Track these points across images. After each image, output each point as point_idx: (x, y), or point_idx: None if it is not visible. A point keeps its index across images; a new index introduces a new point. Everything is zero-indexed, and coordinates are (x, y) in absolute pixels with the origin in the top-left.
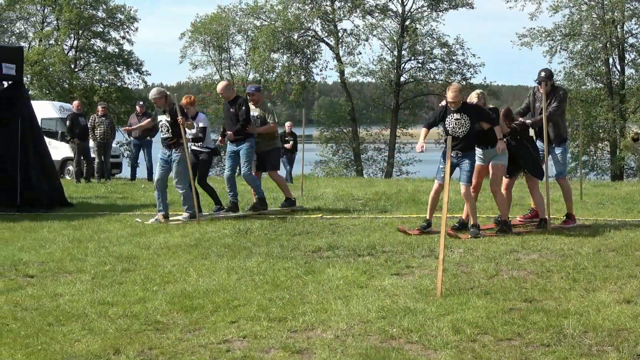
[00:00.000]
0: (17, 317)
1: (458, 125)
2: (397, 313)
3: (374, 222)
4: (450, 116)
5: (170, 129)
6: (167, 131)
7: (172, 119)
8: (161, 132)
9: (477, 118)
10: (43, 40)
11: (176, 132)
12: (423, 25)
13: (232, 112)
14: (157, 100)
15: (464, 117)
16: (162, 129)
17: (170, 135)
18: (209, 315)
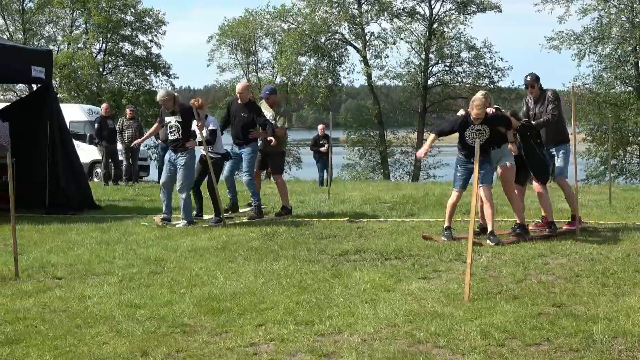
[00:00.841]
0: (45, 318)
1: (478, 136)
2: (424, 317)
3: (401, 225)
4: (472, 127)
5: (181, 130)
6: (177, 132)
7: (183, 119)
8: (170, 134)
9: (497, 126)
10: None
11: (187, 132)
12: (451, 29)
13: (242, 115)
14: (165, 102)
15: (485, 128)
16: (172, 130)
17: (180, 137)
18: (236, 319)
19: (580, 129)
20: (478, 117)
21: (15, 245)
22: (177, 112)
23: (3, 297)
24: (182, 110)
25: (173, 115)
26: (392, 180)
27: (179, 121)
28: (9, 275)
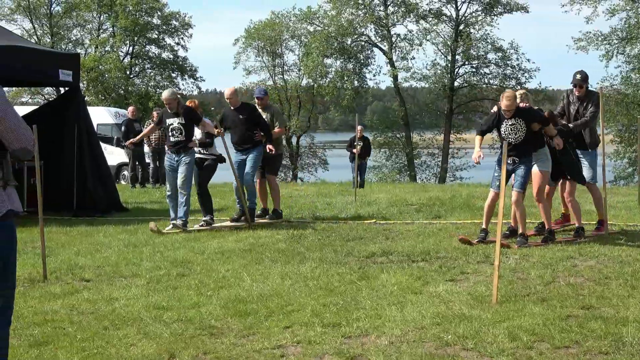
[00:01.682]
0: (73, 320)
1: (514, 131)
2: (452, 319)
3: (428, 227)
4: (505, 122)
5: (184, 131)
6: (181, 134)
7: (186, 121)
8: (172, 136)
9: (531, 120)
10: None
11: (190, 134)
12: (477, 30)
13: (240, 119)
14: (171, 103)
15: (519, 122)
16: (174, 132)
17: (183, 139)
18: (263, 321)
19: (609, 130)
20: (508, 108)
21: (43, 248)
22: (181, 113)
23: (31, 299)
24: (185, 112)
25: (176, 117)
26: (418, 182)
27: (182, 123)
28: (38, 278)
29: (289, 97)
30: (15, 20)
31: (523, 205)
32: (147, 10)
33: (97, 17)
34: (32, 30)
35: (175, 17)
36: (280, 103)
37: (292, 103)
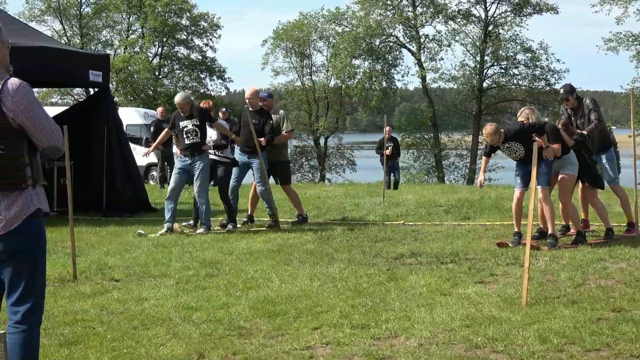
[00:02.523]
0: (103, 320)
1: (512, 152)
2: (481, 322)
3: (456, 229)
4: (502, 146)
5: (199, 133)
6: (196, 135)
7: (201, 123)
8: (186, 138)
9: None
10: (128, 48)
11: (204, 136)
12: (506, 31)
13: (255, 123)
14: (183, 106)
15: (514, 144)
16: (189, 134)
17: (198, 141)
18: (291, 322)
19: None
20: (492, 143)
21: (73, 248)
22: (195, 115)
23: (62, 298)
24: (199, 114)
25: (189, 119)
26: (446, 183)
27: (196, 125)
28: (68, 277)
29: (316, 98)
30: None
31: (551, 202)
32: (176, 11)
33: (127, 18)
34: (62, 31)
35: (204, 18)
36: (308, 104)
37: (320, 104)
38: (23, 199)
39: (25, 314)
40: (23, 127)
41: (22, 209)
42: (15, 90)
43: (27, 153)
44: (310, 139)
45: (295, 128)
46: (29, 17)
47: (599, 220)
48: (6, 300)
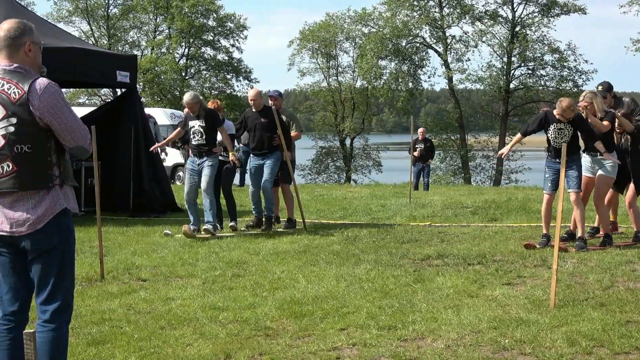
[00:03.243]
0: (130, 320)
1: (560, 135)
2: (509, 324)
3: (483, 230)
4: (554, 125)
5: (205, 134)
6: (201, 137)
7: (207, 124)
8: (192, 138)
9: (579, 128)
10: (155, 49)
11: (211, 138)
12: (534, 31)
13: (262, 122)
14: (192, 105)
15: (567, 127)
16: (195, 135)
17: (204, 142)
18: (318, 322)
19: None
20: (563, 116)
21: (101, 248)
22: (202, 116)
23: (89, 298)
24: (206, 115)
25: (197, 120)
26: (473, 184)
27: (202, 126)
28: (95, 277)
29: (342, 98)
30: (74, 22)
31: (582, 206)
32: (203, 12)
33: (154, 19)
34: (89, 32)
35: (230, 19)
36: (334, 105)
37: (346, 105)
38: (50, 198)
39: (54, 313)
40: (50, 127)
41: (48, 208)
42: (43, 90)
43: (55, 152)
44: (336, 139)
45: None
46: (57, 18)
47: (626, 223)
48: (35, 299)
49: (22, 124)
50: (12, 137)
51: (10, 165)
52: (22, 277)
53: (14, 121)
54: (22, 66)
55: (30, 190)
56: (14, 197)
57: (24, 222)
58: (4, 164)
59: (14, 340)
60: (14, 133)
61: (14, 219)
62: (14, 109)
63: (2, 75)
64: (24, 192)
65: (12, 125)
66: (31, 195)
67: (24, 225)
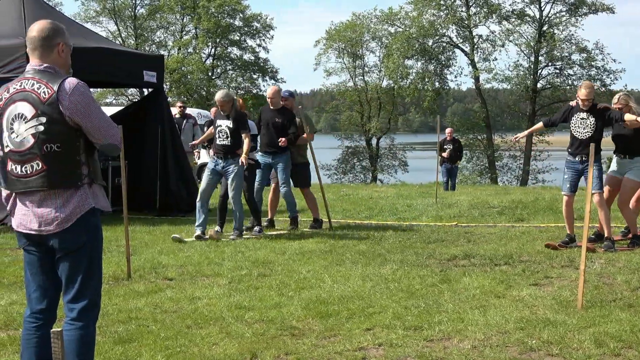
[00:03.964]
0: (157, 319)
1: (582, 125)
2: (536, 324)
3: (510, 230)
4: (577, 116)
5: (229, 136)
6: (226, 138)
7: (234, 126)
8: (218, 138)
9: (602, 120)
10: (182, 49)
11: (236, 140)
12: (561, 31)
13: (277, 121)
14: (224, 104)
15: (590, 118)
16: (221, 135)
17: (229, 143)
18: (344, 322)
19: None
20: (587, 98)
21: (128, 247)
22: (232, 116)
23: (116, 296)
24: (236, 116)
25: (226, 120)
26: (500, 184)
27: (229, 127)
28: (122, 276)
29: (369, 98)
30: (101, 22)
31: (606, 206)
32: (230, 12)
33: (180, 19)
34: (116, 32)
35: (257, 19)
36: (360, 105)
37: (372, 105)
38: (78, 197)
39: (81, 312)
40: (80, 126)
41: (76, 207)
42: (72, 90)
43: (84, 151)
44: (362, 139)
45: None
46: (85, 18)
47: None
48: (63, 298)
49: (51, 123)
50: (41, 136)
51: (39, 164)
52: (50, 276)
53: (44, 120)
54: (52, 66)
55: (58, 189)
56: (43, 195)
57: (52, 220)
58: (33, 163)
59: (42, 338)
60: (44, 132)
61: (42, 217)
62: (44, 108)
63: (32, 74)
64: (52, 190)
65: (42, 125)
66: (59, 194)
67: (52, 224)
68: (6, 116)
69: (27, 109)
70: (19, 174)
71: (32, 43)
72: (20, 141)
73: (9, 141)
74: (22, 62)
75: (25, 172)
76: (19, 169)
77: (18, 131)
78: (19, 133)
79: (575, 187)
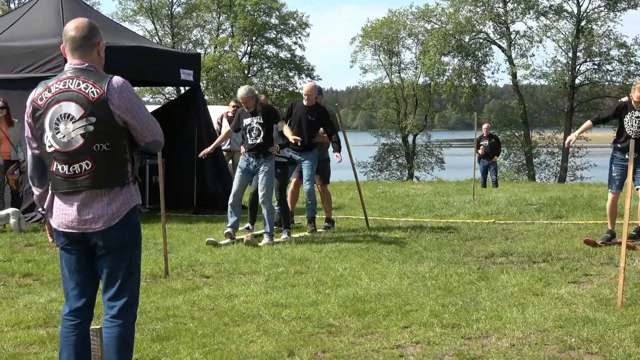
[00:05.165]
0: (194, 316)
1: (638, 123)
2: (575, 322)
3: (549, 227)
4: (631, 114)
5: (262, 132)
6: (259, 135)
7: (265, 121)
8: (249, 137)
9: None
10: (218, 47)
11: (269, 137)
12: (600, 26)
13: (309, 119)
14: (248, 101)
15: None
16: (252, 133)
17: (261, 141)
18: (381, 320)
19: None
20: (638, 100)
21: (165, 244)
22: (259, 112)
23: (154, 294)
24: (264, 111)
25: (254, 116)
26: (537, 181)
27: (260, 123)
28: (160, 274)
29: (405, 95)
30: (138, 22)
31: None
32: (266, 10)
33: (217, 17)
34: (153, 31)
35: (292, 16)
36: (397, 102)
37: (409, 102)
38: (124, 195)
39: (121, 309)
40: (127, 124)
41: (123, 204)
42: (120, 89)
43: (129, 149)
44: (398, 136)
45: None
46: (122, 17)
47: None
48: (103, 295)
49: (101, 122)
50: (91, 136)
51: (89, 164)
52: (88, 274)
53: (93, 120)
54: (93, 65)
55: (105, 187)
56: (89, 194)
57: (98, 218)
58: (82, 163)
59: (80, 336)
60: (94, 132)
61: (88, 215)
62: (93, 108)
63: (75, 74)
64: (99, 189)
65: (92, 125)
66: (106, 192)
67: (99, 222)
68: (49, 116)
69: (74, 109)
70: (67, 174)
71: (72, 42)
72: (68, 141)
73: (53, 141)
74: (60, 62)
75: (73, 172)
76: (66, 169)
77: (65, 131)
78: (65, 133)
79: (622, 185)
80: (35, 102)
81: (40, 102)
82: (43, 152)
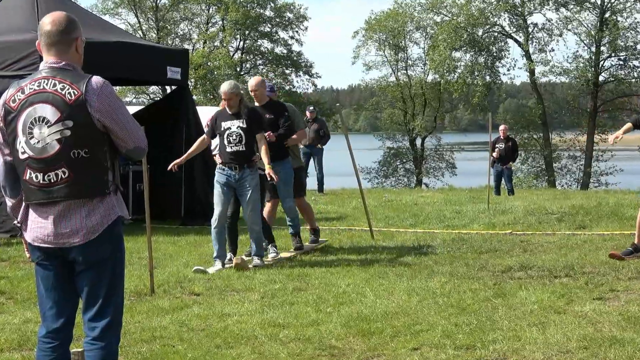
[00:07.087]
0: (183, 338)
1: None
2: (601, 343)
3: (571, 239)
4: None
5: (244, 138)
6: (240, 142)
7: (248, 126)
8: (227, 144)
9: None
10: (208, 42)
11: (252, 144)
12: (625, 18)
13: (267, 118)
14: (231, 97)
15: None
16: (231, 139)
17: (243, 149)
18: (388, 341)
19: None
20: None
21: (150, 259)
22: (243, 115)
23: (139, 314)
24: (249, 114)
25: (236, 119)
26: (558, 188)
27: (242, 127)
28: (145, 291)
29: (412, 94)
30: (120, 15)
31: None
32: (260, 2)
33: (206, 9)
34: (137, 25)
35: (289, 9)
36: (403, 101)
37: (417, 101)
38: (105, 205)
39: (103, 330)
40: (108, 129)
41: (103, 216)
42: (100, 90)
43: (110, 156)
44: (405, 139)
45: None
46: (102, 10)
47: None
48: (83, 315)
49: (79, 127)
50: (68, 141)
51: (66, 172)
52: (67, 292)
53: (70, 124)
54: (71, 64)
55: (84, 197)
56: (67, 205)
57: (77, 231)
58: (59, 171)
59: (58, 358)
60: (71, 137)
61: (65, 229)
62: (70, 111)
63: (51, 73)
64: (77, 200)
65: (69, 129)
66: (84, 203)
67: (77, 236)
68: (22, 120)
69: (49, 112)
70: (42, 182)
71: (49, 37)
72: (43, 147)
73: (27, 147)
74: (35, 59)
75: (48, 180)
76: (40, 178)
77: (39, 136)
78: (40, 138)
79: None
80: (7, 105)
81: (13, 104)
82: (15, 159)
